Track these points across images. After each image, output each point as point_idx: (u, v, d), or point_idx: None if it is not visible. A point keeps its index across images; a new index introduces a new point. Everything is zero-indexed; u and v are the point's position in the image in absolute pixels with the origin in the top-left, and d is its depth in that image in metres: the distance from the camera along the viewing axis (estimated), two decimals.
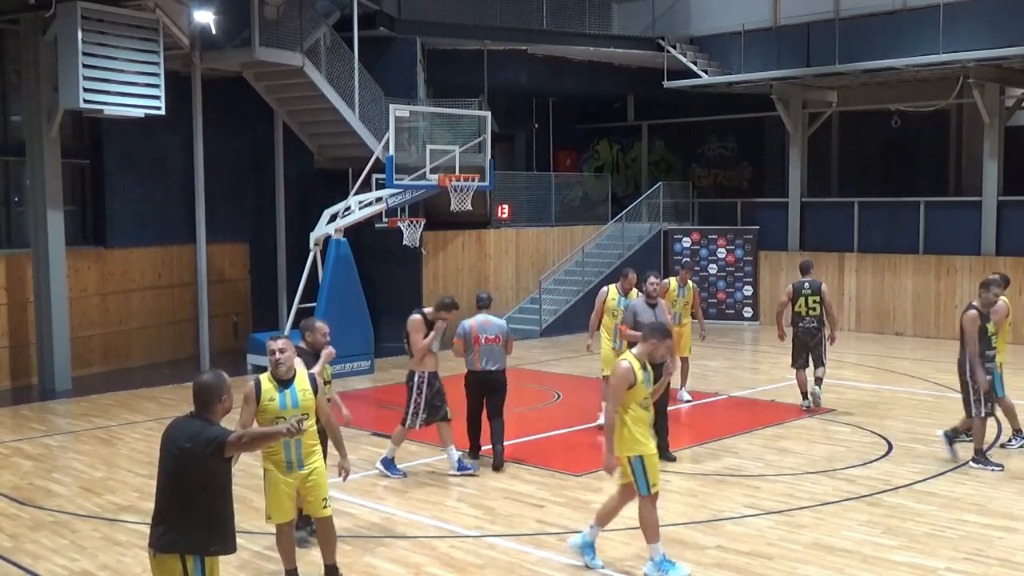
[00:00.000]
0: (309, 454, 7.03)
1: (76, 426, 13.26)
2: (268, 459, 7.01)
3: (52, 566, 7.98)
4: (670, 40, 22.85)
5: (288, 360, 6.90)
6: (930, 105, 21.84)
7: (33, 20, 15.13)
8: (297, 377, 6.96)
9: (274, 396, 6.87)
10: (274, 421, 6.73)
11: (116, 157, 18.06)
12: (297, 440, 6.84)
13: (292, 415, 6.69)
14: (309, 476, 7.02)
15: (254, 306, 20.53)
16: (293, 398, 6.89)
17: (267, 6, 17.02)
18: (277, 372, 6.90)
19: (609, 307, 12.26)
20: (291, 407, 6.84)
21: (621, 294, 12.28)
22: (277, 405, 6.84)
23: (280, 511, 7.07)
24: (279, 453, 6.94)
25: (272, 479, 7.03)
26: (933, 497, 9.53)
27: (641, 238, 23.63)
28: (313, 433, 7.06)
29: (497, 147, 20.15)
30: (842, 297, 21.97)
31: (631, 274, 12.43)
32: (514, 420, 13.90)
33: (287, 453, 6.94)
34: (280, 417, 6.75)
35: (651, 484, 7.53)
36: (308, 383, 6.98)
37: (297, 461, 6.97)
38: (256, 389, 6.88)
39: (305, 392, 6.93)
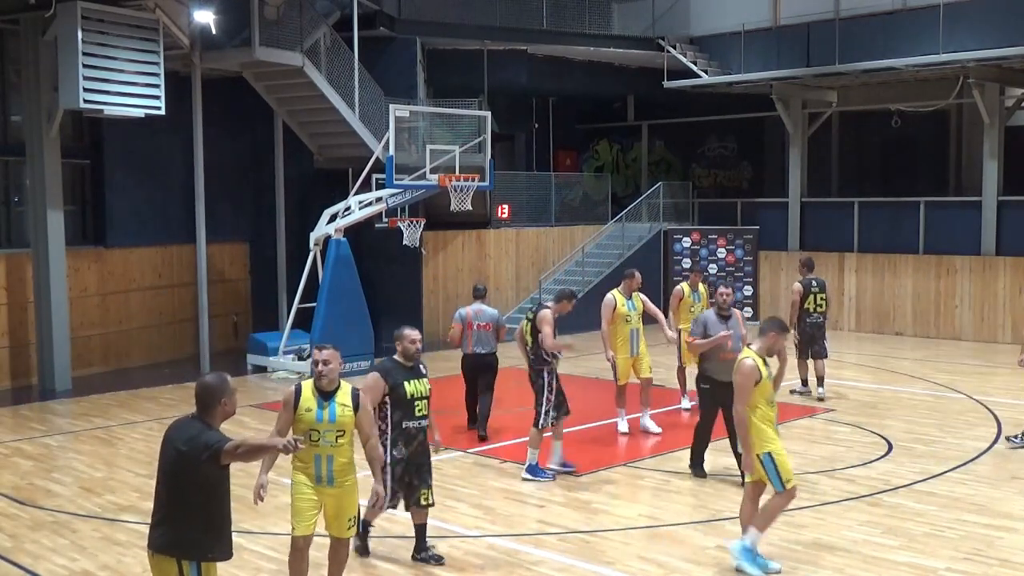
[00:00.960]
0: (342, 471, 6.63)
1: (76, 426, 13.26)
2: (299, 471, 6.66)
3: (52, 566, 7.98)
4: (670, 40, 22.85)
5: (331, 372, 6.60)
6: (930, 105, 21.85)
7: (33, 20, 15.13)
8: (340, 391, 6.65)
9: (312, 407, 6.56)
10: (309, 433, 6.49)
11: (116, 157, 18.06)
12: (329, 456, 6.54)
13: (327, 429, 6.51)
14: (340, 494, 6.66)
15: (254, 306, 20.52)
16: (331, 412, 6.55)
17: (267, 6, 17.02)
18: (319, 383, 6.61)
19: (620, 314, 11.97)
20: (327, 421, 6.53)
21: (626, 296, 12.14)
22: (314, 417, 6.53)
23: (302, 523, 6.67)
24: (310, 467, 6.59)
25: (298, 490, 6.66)
26: (933, 497, 9.53)
27: (641, 238, 23.63)
28: (349, 452, 6.68)
29: (497, 147, 20.15)
30: (842, 297, 21.98)
31: (636, 274, 12.31)
32: (514, 420, 13.90)
33: (317, 468, 6.58)
34: (314, 429, 6.49)
35: (785, 480, 7.54)
36: (350, 399, 6.65)
37: (328, 477, 6.60)
38: (296, 396, 6.60)
39: (345, 408, 6.59)
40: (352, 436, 6.70)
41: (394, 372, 7.64)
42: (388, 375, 7.60)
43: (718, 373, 9.79)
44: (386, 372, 7.63)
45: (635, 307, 12.13)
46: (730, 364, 9.03)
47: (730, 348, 9.66)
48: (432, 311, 20.87)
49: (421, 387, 7.65)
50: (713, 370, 9.94)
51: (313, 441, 6.51)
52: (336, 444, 6.55)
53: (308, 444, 6.46)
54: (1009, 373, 16.71)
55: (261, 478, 6.48)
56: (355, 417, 6.65)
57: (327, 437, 6.52)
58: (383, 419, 7.58)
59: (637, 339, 12.10)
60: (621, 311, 11.97)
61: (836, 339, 20.81)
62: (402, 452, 7.63)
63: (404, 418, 7.60)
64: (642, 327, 12.22)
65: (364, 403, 6.80)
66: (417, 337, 7.76)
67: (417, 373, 7.70)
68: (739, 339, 9.80)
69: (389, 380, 7.57)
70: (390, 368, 7.68)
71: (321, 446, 6.53)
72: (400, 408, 7.57)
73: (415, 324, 20.30)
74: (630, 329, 11.98)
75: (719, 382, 9.68)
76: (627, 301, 12.07)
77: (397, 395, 7.56)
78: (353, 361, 16.47)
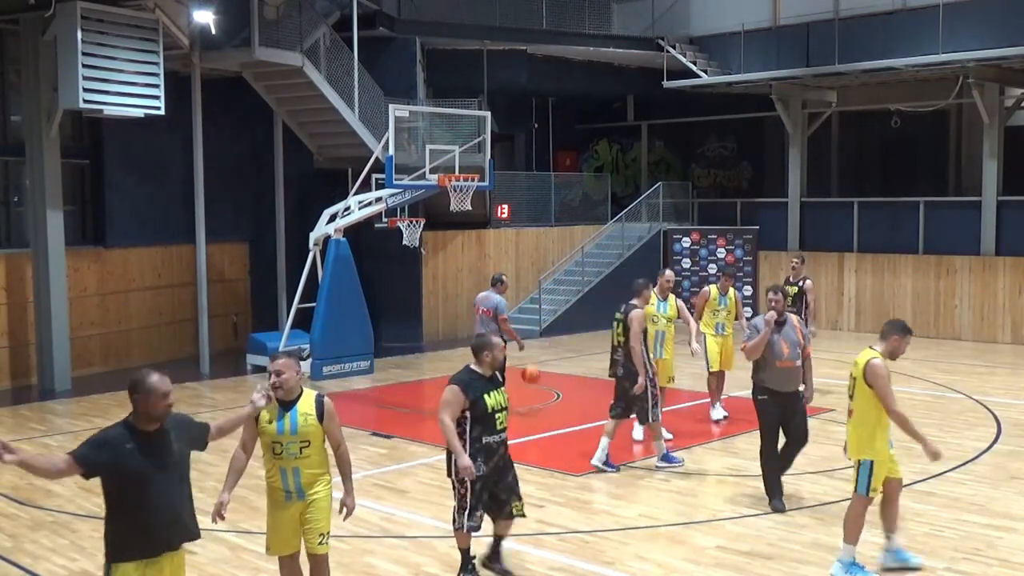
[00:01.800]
0: (311, 483, 6.31)
1: (76, 426, 13.25)
2: (269, 486, 6.39)
3: (52, 566, 7.98)
4: (670, 40, 22.86)
5: (286, 383, 6.22)
6: (930, 105, 21.85)
7: (33, 20, 15.12)
8: (302, 399, 6.29)
9: (272, 418, 6.24)
10: (272, 446, 6.23)
11: (116, 157, 18.05)
12: (295, 468, 6.23)
13: (289, 440, 6.20)
14: (309, 507, 6.32)
15: (254, 306, 20.52)
16: (293, 423, 6.21)
17: (267, 6, 17.02)
18: (276, 395, 6.23)
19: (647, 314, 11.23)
20: (289, 432, 6.20)
21: (660, 298, 11.84)
22: (275, 429, 6.22)
23: (279, 542, 6.44)
24: (276, 480, 6.30)
25: (270, 507, 6.43)
26: (933, 497, 9.53)
27: (641, 238, 23.63)
28: (317, 462, 6.32)
29: (497, 147, 20.16)
30: (842, 297, 22.00)
31: (666, 272, 12.09)
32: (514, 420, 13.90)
33: (284, 481, 6.26)
34: (277, 442, 6.21)
35: (872, 488, 7.51)
36: (314, 407, 6.27)
37: (296, 490, 6.28)
38: None
39: (307, 417, 6.23)
40: (322, 446, 6.35)
41: (474, 385, 7.21)
42: (468, 388, 7.17)
43: (776, 383, 9.07)
44: (465, 385, 7.18)
45: (666, 310, 11.83)
46: (788, 373, 9.03)
47: (786, 356, 9.02)
48: (432, 311, 20.87)
49: (501, 399, 7.33)
50: (770, 379, 9.10)
51: (276, 454, 6.25)
52: (301, 455, 6.23)
53: (272, 457, 6.28)
54: (1009, 373, 16.72)
55: (223, 496, 6.23)
56: (321, 426, 6.28)
57: (290, 449, 6.21)
58: (461, 435, 7.18)
59: (662, 342, 11.78)
60: (648, 311, 11.36)
61: (836, 339, 20.85)
62: (482, 469, 7.19)
63: (484, 432, 7.21)
64: (672, 332, 11.93)
65: (331, 411, 6.34)
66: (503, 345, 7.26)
67: (495, 384, 7.37)
68: (796, 346, 9.09)
69: (469, 394, 7.15)
70: (469, 380, 7.23)
71: (285, 458, 6.23)
72: (480, 423, 7.19)
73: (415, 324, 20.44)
74: (655, 331, 11.61)
75: (778, 393, 9.07)
76: (659, 302, 11.79)
77: (478, 409, 7.16)
78: (353, 361, 16.52)
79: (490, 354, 7.32)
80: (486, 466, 7.22)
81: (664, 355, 11.80)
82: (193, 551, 8.25)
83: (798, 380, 9.16)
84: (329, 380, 16.00)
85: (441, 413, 7.14)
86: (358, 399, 14.94)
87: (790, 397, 9.08)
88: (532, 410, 14.20)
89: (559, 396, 15.05)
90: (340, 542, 8.35)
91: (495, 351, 7.33)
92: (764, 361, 9.08)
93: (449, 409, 7.11)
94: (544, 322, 21.64)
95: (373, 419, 13.80)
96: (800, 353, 9.12)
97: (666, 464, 10.67)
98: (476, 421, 7.19)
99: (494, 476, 7.33)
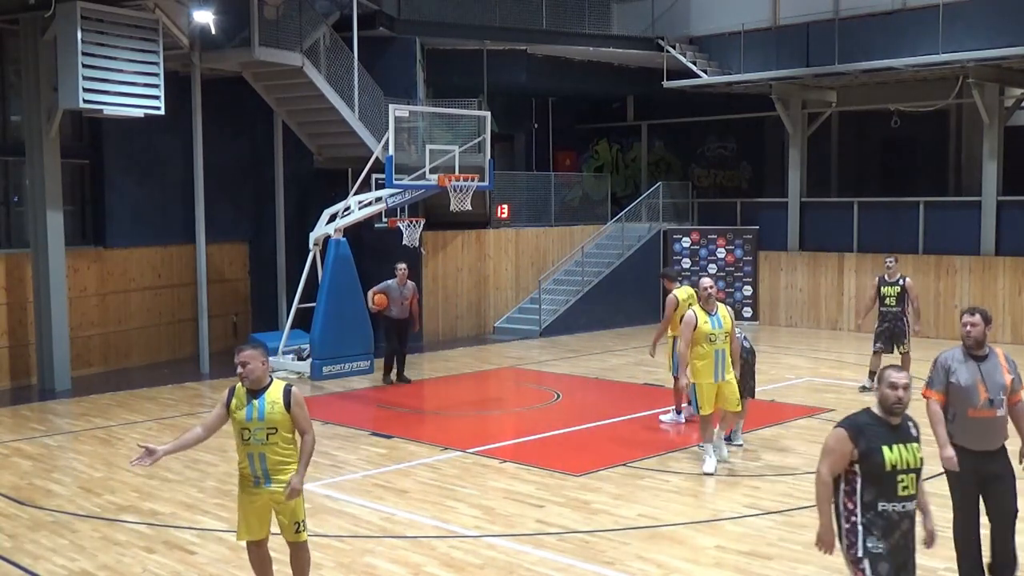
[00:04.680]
0: (278, 470, 6.60)
1: (76, 426, 13.25)
2: (240, 472, 6.73)
3: (51, 566, 7.98)
4: (669, 40, 22.86)
5: (252, 373, 6.55)
6: (930, 105, 21.85)
7: (33, 20, 15.12)
8: (270, 389, 6.62)
9: (242, 405, 6.60)
10: (241, 432, 6.59)
11: (116, 157, 18.05)
12: (261, 454, 6.56)
13: (257, 427, 6.52)
14: (276, 495, 6.61)
15: (254, 306, 20.52)
16: (260, 410, 6.55)
17: (267, 6, 17.02)
18: (244, 384, 6.64)
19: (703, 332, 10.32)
20: (256, 419, 6.54)
21: (709, 311, 10.45)
22: (243, 415, 6.57)
23: (246, 528, 6.75)
24: (246, 466, 6.63)
25: (239, 493, 6.77)
26: (933, 497, 9.39)
27: (640, 238, 23.64)
28: (284, 450, 6.62)
29: (497, 147, 20.16)
30: (842, 297, 22.00)
31: (703, 281, 10.71)
32: (514, 420, 13.92)
33: (252, 467, 6.60)
34: (245, 428, 6.54)
35: None
36: (281, 396, 6.59)
37: (264, 475, 6.58)
38: (228, 395, 6.69)
39: (274, 404, 6.55)
40: (290, 436, 6.66)
41: (869, 432, 5.52)
42: (860, 435, 5.50)
43: (969, 438, 6.86)
44: (858, 430, 5.52)
45: (721, 323, 10.32)
46: (986, 425, 6.81)
47: (982, 403, 6.77)
48: (432, 311, 20.87)
49: (908, 455, 5.52)
50: (960, 434, 6.88)
51: (245, 440, 6.59)
52: (268, 442, 6.55)
53: (241, 444, 6.62)
54: None
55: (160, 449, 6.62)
56: (288, 414, 6.59)
57: (257, 435, 6.55)
58: (848, 494, 5.55)
59: (723, 363, 10.36)
60: (702, 329, 10.25)
61: (836, 339, 20.89)
62: (878, 545, 5.45)
63: (880, 497, 5.47)
64: (728, 348, 10.45)
65: (298, 399, 6.64)
66: (902, 381, 5.53)
67: (905, 435, 5.60)
68: (1000, 389, 6.81)
69: (860, 443, 5.49)
70: (864, 425, 5.55)
71: (252, 444, 6.57)
72: (873, 483, 5.47)
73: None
74: (713, 351, 10.28)
75: (972, 452, 6.86)
76: (710, 316, 10.32)
77: (870, 464, 5.46)
78: (353, 361, 16.51)
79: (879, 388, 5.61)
80: (885, 541, 5.47)
81: (726, 377, 10.40)
82: (193, 551, 8.27)
83: (1000, 434, 6.88)
84: (329, 380, 16.00)
85: (820, 464, 5.62)
86: (358, 399, 14.94)
87: (989, 458, 6.89)
88: (532, 410, 14.21)
89: (559, 396, 15.06)
90: (340, 542, 8.37)
91: (883, 386, 5.57)
92: (953, 408, 6.89)
93: (829, 459, 5.56)
94: (544, 322, 21.64)
95: (373, 419, 13.80)
96: (1004, 399, 6.85)
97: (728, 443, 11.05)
98: (868, 480, 5.50)
99: (898, 558, 5.54)
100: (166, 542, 8.49)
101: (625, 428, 12.78)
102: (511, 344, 20.57)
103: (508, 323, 22.13)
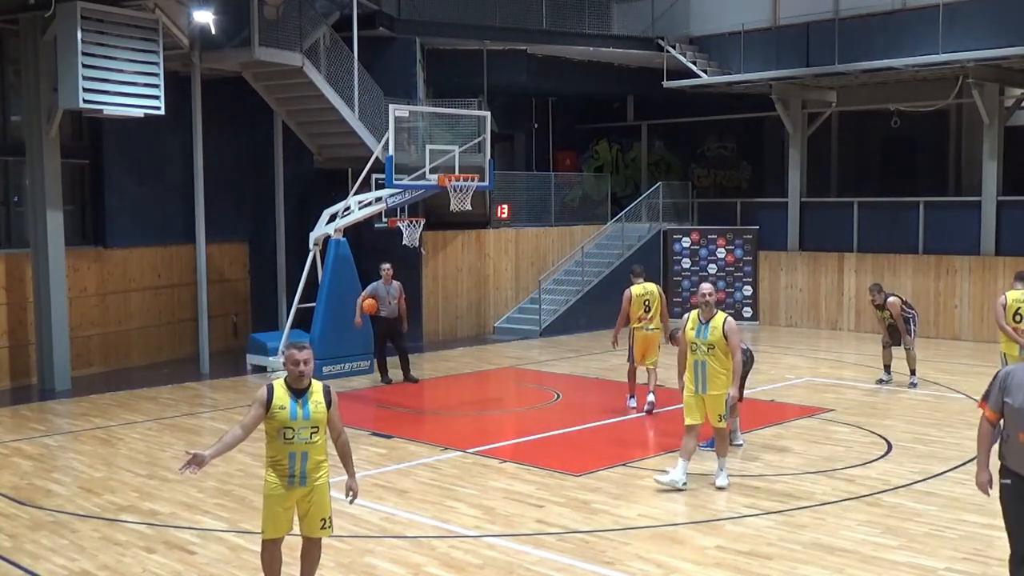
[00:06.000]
0: (315, 469, 6.65)
1: (76, 426, 13.25)
2: (271, 469, 6.65)
3: (51, 566, 7.98)
4: (670, 40, 22.85)
5: (310, 372, 6.64)
6: (930, 105, 21.85)
7: (33, 20, 15.12)
8: (312, 387, 6.65)
9: (285, 404, 6.55)
10: (283, 431, 6.50)
11: (116, 157, 18.06)
12: (304, 453, 6.55)
13: (301, 426, 6.51)
14: (311, 493, 6.66)
15: (254, 306, 20.52)
16: (305, 409, 6.56)
17: (267, 6, 17.01)
18: (299, 382, 6.59)
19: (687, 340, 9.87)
20: (302, 418, 6.54)
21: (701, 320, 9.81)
22: (287, 415, 6.53)
23: (275, 526, 6.70)
24: (284, 465, 6.59)
25: (270, 491, 6.66)
26: (933, 497, 9.53)
27: (640, 238, 23.64)
28: (322, 448, 6.67)
29: (497, 147, 20.16)
30: (841, 297, 21.99)
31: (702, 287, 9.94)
32: (514, 420, 13.93)
33: (292, 466, 6.57)
34: (288, 427, 6.50)
35: None
36: (322, 395, 6.65)
37: (301, 474, 6.59)
38: (268, 395, 6.57)
39: (318, 404, 6.60)
40: (325, 433, 6.71)
41: None
42: None
43: (1018, 461, 6.19)
44: None
45: (707, 334, 9.70)
46: None
47: None
48: (432, 311, 20.88)
49: None
50: (1010, 457, 6.23)
51: (288, 439, 6.54)
52: (311, 441, 6.57)
53: (283, 442, 6.56)
54: None
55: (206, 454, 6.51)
56: (328, 413, 6.65)
57: (301, 434, 6.55)
58: None
59: (703, 377, 9.74)
60: (688, 335, 9.87)
61: (836, 339, 20.90)
62: None
63: None
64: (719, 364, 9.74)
65: (335, 399, 6.73)
66: None
67: None
68: None
69: None
70: None
71: (296, 443, 6.55)
72: None
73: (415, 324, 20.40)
74: (694, 360, 9.78)
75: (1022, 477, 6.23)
76: (699, 325, 9.78)
77: None
78: (353, 361, 16.51)
79: None
80: None
81: (709, 391, 9.74)
82: (193, 551, 8.27)
83: None
84: (329, 380, 15.95)
85: None
86: (358, 399, 14.94)
87: None
88: (532, 410, 14.22)
89: (559, 396, 15.06)
90: (340, 542, 8.36)
91: None
92: (1007, 428, 6.23)
93: None
94: (544, 322, 21.64)
95: (373, 419, 13.79)
96: None
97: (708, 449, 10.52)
98: None
99: None
100: (166, 542, 8.49)
101: (625, 428, 12.79)
102: (511, 344, 20.57)
103: (508, 323, 22.13)
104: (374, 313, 15.57)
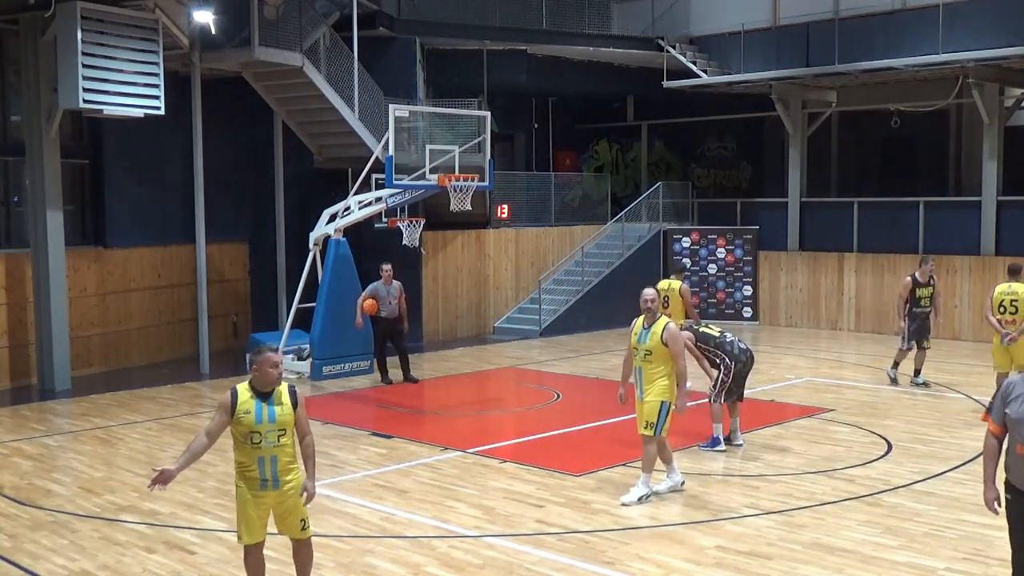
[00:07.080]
0: (286, 471, 6.52)
1: (76, 426, 13.25)
2: (241, 476, 6.54)
3: (51, 566, 7.98)
4: (670, 40, 22.85)
5: (282, 374, 6.60)
6: (930, 105, 21.84)
7: (32, 20, 15.12)
8: (278, 389, 6.54)
9: (251, 409, 6.42)
10: (249, 436, 6.39)
11: (116, 157, 18.05)
12: (273, 456, 6.44)
13: (268, 429, 6.40)
14: (284, 496, 6.56)
15: (254, 306, 20.52)
16: (271, 412, 6.44)
17: (267, 6, 17.01)
18: (268, 385, 6.48)
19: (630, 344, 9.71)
20: (267, 421, 6.41)
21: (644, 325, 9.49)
22: (253, 419, 6.40)
23: (251, 531, 6.59)
24: (253, 470, 6.47)
25: (242, 496, 6.55)
26: (933, 497, 9.53)
27: (640, 238, 23.64)
28: (291, 450, 6.56)
29: (497, 147, 20.15)
30: (841, 297, 21.99)
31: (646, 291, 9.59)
32: (514, 420, 13.93)
33: (261, 471, 6.45)
34: (255, 432, 6.38)
35: None
36: (288, 396, 6.54)
37: (272, 478, 6.47)
38: (232, 399, 6.45)
39: (284, 407, 6.49)
40: (293, 435, 6.60)
41: None
42: None
43: (1018, 475, 5.87)
44: None
45: (646, 339, 9.33)
46: None
47: None
48: (432, 311, 20.88)
49: None
50: (1012, 470, 5.93)
51: (255, 444, 6.42)
52: (279, 444, 6.47)
53: (251, 447, 6.44)
54: None
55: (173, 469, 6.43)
56: (295, 414, 6.55)
57: (269, 438, 6.43)
58: None
59: (640, 381, 9.49)
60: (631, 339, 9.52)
61: (836, 339, 20.90)
62: None
63: None
64: (656, 371, 9.37)
65: (301, 398, 6.64)
66: None
67: None
68: None
69: None
70: None
71: (264, 447, 6.44)
72: None
73: (415, 324, 20.42)
74: (636, 366, 9.51)
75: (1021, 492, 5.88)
76: (642, 329, 9.41)
77: None
78: (353, 361, 16.51)
79: None
80: None
81: (645, 396, 9.41)
82: (193, 551, 8.27)
83: None
84: (329, 380, 16.00)
85: None
86: (358, 399, 14.94)
87: None
88: (532, 410, 14.21)
89: (559, 396, 15.06)
90: (340, 542, 8.37)
91: None
92: (1010, 441, 5.93)
93: None
94: (544, 322, 21.64)
95: (373, 419, 13.79)
96: None
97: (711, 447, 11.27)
98: None
99: None
100: (166, 542, 8.49)
101: (625, 428, 12.75)
102: (511, 344, 20.57)
103: (508, 323, 22.13)
104: (374, 313, 15.57)
